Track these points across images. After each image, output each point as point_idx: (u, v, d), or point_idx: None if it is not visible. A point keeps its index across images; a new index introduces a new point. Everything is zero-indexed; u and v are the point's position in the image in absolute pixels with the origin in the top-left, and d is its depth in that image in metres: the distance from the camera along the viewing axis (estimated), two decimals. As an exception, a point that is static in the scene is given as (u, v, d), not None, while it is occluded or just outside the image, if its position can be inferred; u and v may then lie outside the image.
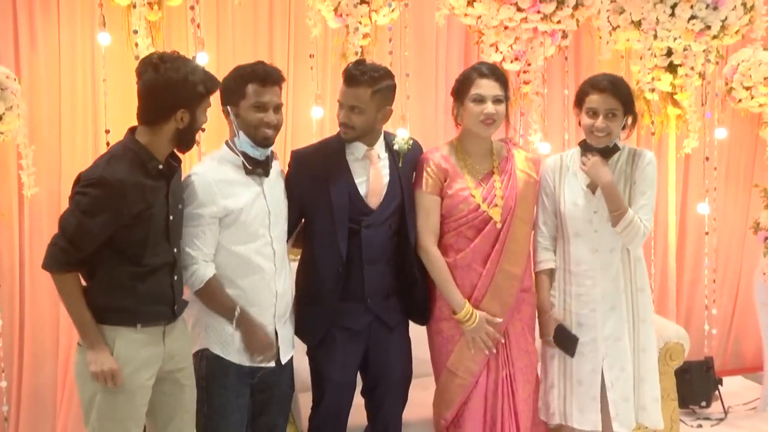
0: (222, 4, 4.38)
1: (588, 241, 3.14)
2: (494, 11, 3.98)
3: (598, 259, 3.13)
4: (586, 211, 3.14)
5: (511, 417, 3.13)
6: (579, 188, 3.17)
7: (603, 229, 3.12)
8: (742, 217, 5.40)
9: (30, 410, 4.24)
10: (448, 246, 3.13)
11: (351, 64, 3.03)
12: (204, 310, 2.85)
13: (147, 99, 2.63)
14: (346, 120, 2.99)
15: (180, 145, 2.71)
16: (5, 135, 3.79)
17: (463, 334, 3.10)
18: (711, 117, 4.80)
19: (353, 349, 3.08)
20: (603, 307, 3.14)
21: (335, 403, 3.11)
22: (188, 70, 2.60)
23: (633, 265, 3.17)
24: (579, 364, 3.16)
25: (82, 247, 2.54)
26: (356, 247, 3.01)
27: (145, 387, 2.67)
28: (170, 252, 2.69)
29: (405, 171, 3.13)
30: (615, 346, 3.14)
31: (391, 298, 3.12)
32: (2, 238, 4.11)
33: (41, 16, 4.12)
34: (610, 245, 3.13)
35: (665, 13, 4.16)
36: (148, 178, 2.61)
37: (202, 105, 2.67)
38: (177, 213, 2.72)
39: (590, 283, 3.14)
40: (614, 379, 3.13)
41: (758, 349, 5.11)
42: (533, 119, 4.38)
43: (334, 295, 3.01)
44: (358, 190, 3.03)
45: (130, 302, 2.61)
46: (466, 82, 3.09)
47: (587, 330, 3.15)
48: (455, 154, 3.15)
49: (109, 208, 2.52)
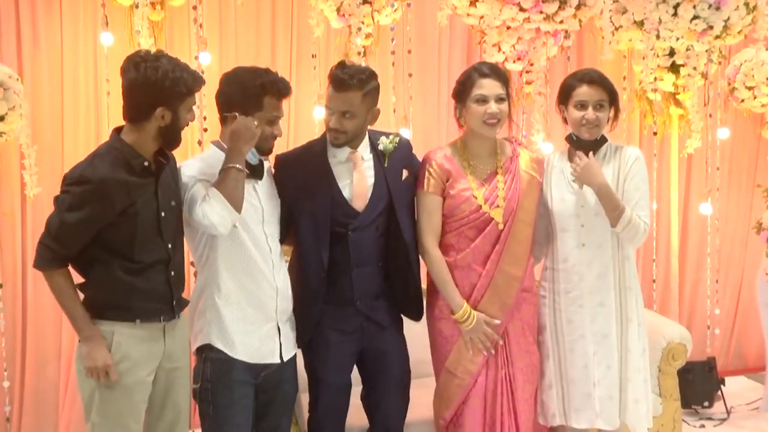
0: (224, 4, 4.38)
1: (575, 236, 3.14)
2: (497, 11, 3.98)
3: (584, 253, 3.12)
4: (573, 206, 3.14)
5: (511, 416, 3.13)
6: (565, 183, 3.17)
7: (590, 223, 3.11)
8: (744, 217, 5.39)
9: (32, 410, 4.24)
10: (448, 246, 3.12)
11: (335, 68, 2.96)
12: (209, 305, 2.83)
13: (129, 97, 2.64)
14: (338, 126, 2.94)
15: (165, 143, 2.71)
16: (8, 135, 3.79)
17: (462, 334, 3.11)
18: (713, 118, 4.80)
19: (347, 350, 3.08)
20: (591, 303, 3.13)
21: (331, 405, 3.11)
22: (169, 69, 2.60)
23: (621, 263, 3.16)
24: (572, 362, 3.16)
25: (67, 245, 2.59)
26: (344, 251, 3.00)
27: (144, 383, 2.69)
28: (164, 248, 2.70)
29: (392, 170, 3.08)
30: (603, 343, 3.13)
31: (380, 299, 3.10)
32: (5, 238, 4.11)
33: (44, 15, 4.12)
34: (597, 240, 3.12)
35: (668, 13, 4.15)
36: (132, 175, 2.62)
37: (184, 104, 2.67)
38: (169, 209, 2.72)
39: (577, 278, 3.13)
40: (601, 377, 3.13)
41: (761, 349, 5.11)
42: (536, 119, 4.38)
43: (318, 297, 3.01)
44: (342, 194, 3.01)
45: (125, 298, 2.63)
46: (467, 83, 3.08)
47: (576, 327, 3.15)
48: (458, 155, 3.14)
49: (91, 206, 2.55)
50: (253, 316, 2.85)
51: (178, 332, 2.80)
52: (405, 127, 4.32)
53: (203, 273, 2.86)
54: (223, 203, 2.67)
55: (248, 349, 2.84)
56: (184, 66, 2.67)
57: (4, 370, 4.03)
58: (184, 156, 4.09)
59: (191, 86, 2.67)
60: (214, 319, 2.83)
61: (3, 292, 3.99)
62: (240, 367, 2.83)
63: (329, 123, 2.97)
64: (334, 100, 2.93)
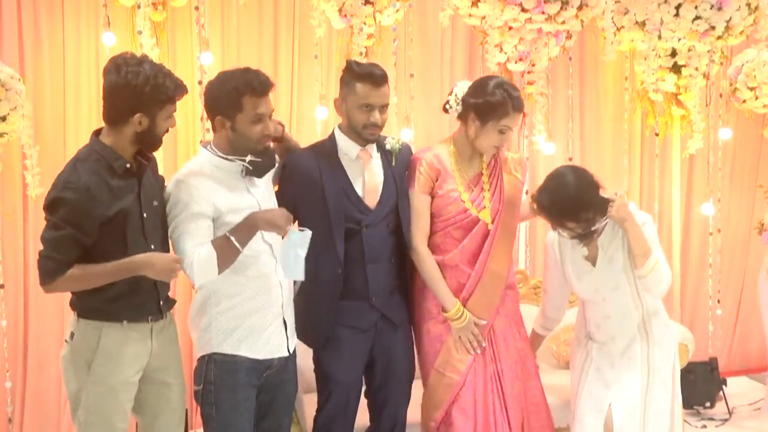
0: (227, 5, 4.38)
1: (599, 308, 3.13)
2: (498, 12, 3.97)
3: (612, 323, 3.12)
4: (590, 284, 3.11)
5: (503, 412, 3.13)
6: (579, 261, 3.13)
7: (610, 297, 3.08)
8: (746, 217, 5.40)
9: (34, 411, 4.25)
10: (434, 246, 3.14)
11: (361, 65, 3.01)
12: (216, 313, 2.80)
13: (108, 99, 2.62)
14: (379, 120, 2.99)
15: (143, 147, 2.69)
16: (9, 135, 3.79)
17: (450, 333, 3.11)
18: (715, 118, 4.80)
19: (360, 347, 3.08)
20: (622, 360, 3.11)
21: (343, 403, 3.10)
22: (150, 75, 2.56)
23: (648, 319, 3.12)
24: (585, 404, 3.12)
25: (67, 253, 2.54)
26: (358, 247, 3.02)
27: (130, 383, 2.69)
28: (147, 249, 2.68)
29: (398, 170, 3.14)
30: (624, 391, 3.07)
31: (394, 295, 3.13)
32: (7, 239, 4.11)
33: (46, 16, 4.13)
34: (621, 310, 3.09)
35: (669, 13, 4.15)
36: (115, 177, 2.60)
37: (163, 111, 2.63)
38: (152, 210, 2.71)
39: (610, 341, 3.13)
40: (623, 423, 3.05)
41: (763, 349, 5.11)
42: (537, 120, 4.38)
43: (334, 296, 3.02)
44: (355, 190, 3.04)
45: (113, 299, 2.61)
46: (500, 110, 3.05)
47: (601, 375, 3.12)
48: (448, 156, 3.16)
49: (81, 212, 2.52)
50: (259, 318, 2.84)
51: (166, 332, 2.79)
52: (407, 128, 4.32)
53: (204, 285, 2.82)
54: (212, 267, 2.65)
55: (255, 347, 2.83)
56: (167, 72, 2.63)
57: (6, 370, 4.03)
58: (186, 156, 4.11)
59: (172, 94, 2.63)
60: (222, 326, 2.80)
61: (5, 293, 3.99)
62: (244, 369, 2.82)
63: (370, 120, 2.97)
64: (374, 96, 2.96)
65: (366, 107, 2.97)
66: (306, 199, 3.01)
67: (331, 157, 3.05)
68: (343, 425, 3.13)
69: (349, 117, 3.02)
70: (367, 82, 2.95)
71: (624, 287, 3.06)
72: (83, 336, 2.66)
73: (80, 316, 2.67)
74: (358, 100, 2.97)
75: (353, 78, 2.98)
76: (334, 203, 2.99)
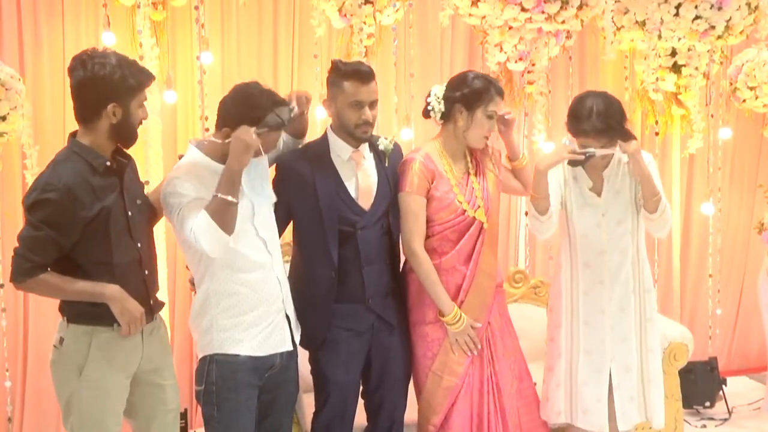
0: (226, 4, 4.38)
1: (596, 243, 3.16)
2: (498, 11, 3.97)
3: (606, 260, 3.14)
4: (592, 215, 3.15)
5: (497, 414, 3.14)
6: (580, 194, 3.17)
7: (611, 232, 3.13)
8: (746, 217, 5.39)
9: (34, 411, 4.24)
10: (431, 249, 3.12)
11: (347, 64, 3.00)
12: (216, 313, 2.80)
13: (78, 96, 2.61)
14: (370, 117, 2.97)
15: (120, 141, 2.68)
16: (9, 135, 3.79)
17: (447, 337, 3.11)
18: (715, 118, 4.79)
19: (357, 349, 3.08)
20: (612, 308, 3.15)
21: (341, 405, 3.10)
22: (116, 64, 2.56)
23: (641, 265, 3.20)
24: (585, 365, 3.17)
25: (44, 254, 2.54)
26: (353, 250, 3.01)
27: (122, 386, 2.69)
28: (134, 248, 2.68)
29: (391, 171, 3.12)
30: (622, 347, 3.15)
31: (390, 297, 3.13)
32: (6, 238, 4.10)
33: (46, 16, 4.12)
34: (618, 247, 3.14)
35: (669, 13, 4.15)
36: (96, 176, 2.59)
37: (135, 99, 2.62)
38: (135, 208, 2.71)
39: (600, 286, 3.17)
40: (621, 379, 3.15)
41: (762, 349, 5.11)
42: (537, 119, 4.38)
43: (329, 298, 3.01)
44: (349, 193, 3.02)
45: (103, 303, 2.60)
46: (485, 97, 3.07)
47: (594, 330, 3.17)
48: (438, 156, 3.14)
49: (62, 213, 2.51)
50: (259, 314, 2.83)
51: (156, 334, 2.80)
52: (407, 128, 4.32)
53: (203, 284, 2.82)
54: (214, 230, 2.62)
55: (257, 344, 2.82)
56: (132, 62, 2.64)
57: (5, 370, 4.02)
58: (183, 153, 4.10)
59: (141, 81, 2.63)
60: (225, 325, 2.80)
61: (4, 292, 3.98)
62: (245, 370, 2.82)
63: (361, 118, 2.95)
64: (363, 93, 2.94)
65: (356, 104, 2.95)
66: (300, 202, 3.00)
67: (323, 158, 3.03)
68: (341, 426, 3.13)
69: (340, 117, 3.00)
70: (355, 80, 2.94)
71: (627, 223, 3.14)
72: (74, 341, 2.65)
73: (70, 321, 2.66)
74: (347, 98, 2.95)
75: (340, 77, 2.96)
76: (327, 206, 2.97)
